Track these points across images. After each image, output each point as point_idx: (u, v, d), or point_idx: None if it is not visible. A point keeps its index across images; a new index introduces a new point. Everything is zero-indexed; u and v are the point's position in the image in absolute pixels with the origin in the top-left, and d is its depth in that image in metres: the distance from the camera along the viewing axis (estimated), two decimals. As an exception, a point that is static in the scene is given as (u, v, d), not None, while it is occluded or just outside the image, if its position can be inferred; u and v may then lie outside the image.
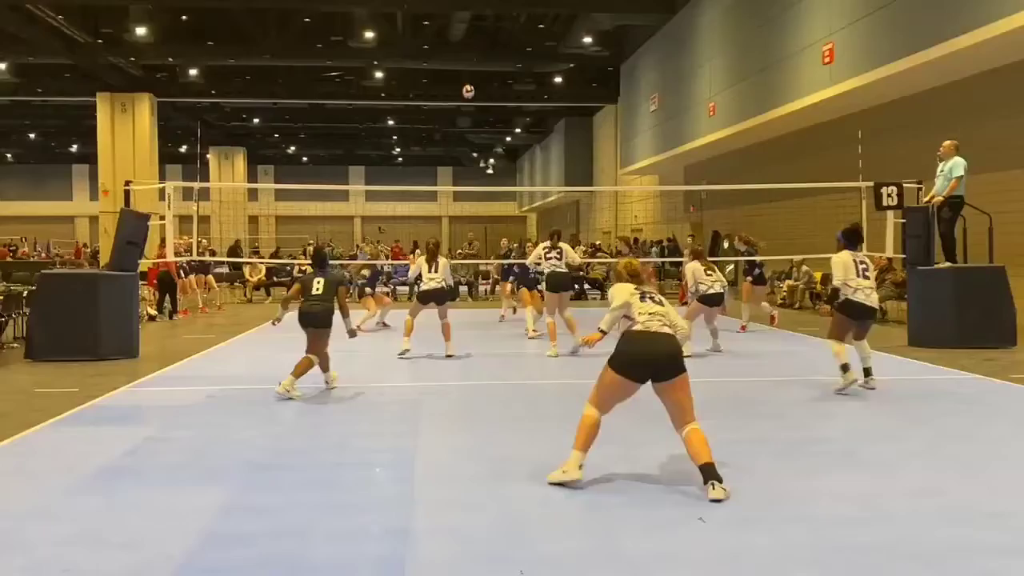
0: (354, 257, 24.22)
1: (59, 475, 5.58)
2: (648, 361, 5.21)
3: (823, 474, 5.57)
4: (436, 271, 10.93)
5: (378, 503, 4.99)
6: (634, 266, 5.81)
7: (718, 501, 4.88)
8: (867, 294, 8.33)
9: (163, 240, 15.42)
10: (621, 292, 5.54)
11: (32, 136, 45.47)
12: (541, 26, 27.28)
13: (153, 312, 16.91)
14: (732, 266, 22.20)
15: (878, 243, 13.15)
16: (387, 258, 23.35)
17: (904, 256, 12.59)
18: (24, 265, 23.98)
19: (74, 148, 47.60)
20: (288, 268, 24.77)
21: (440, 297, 10.98)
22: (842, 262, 8.40)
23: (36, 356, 10.88)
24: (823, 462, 5.87)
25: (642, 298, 5.47)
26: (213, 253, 24.41)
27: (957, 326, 11.47)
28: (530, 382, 9.53)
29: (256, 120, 41.70)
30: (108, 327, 11.07)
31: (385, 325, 15.04)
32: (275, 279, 24.15)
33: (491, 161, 54.60)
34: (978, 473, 5.63)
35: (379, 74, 30.45)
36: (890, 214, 12.82)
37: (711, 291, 11.29)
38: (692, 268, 11.56)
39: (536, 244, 14.17)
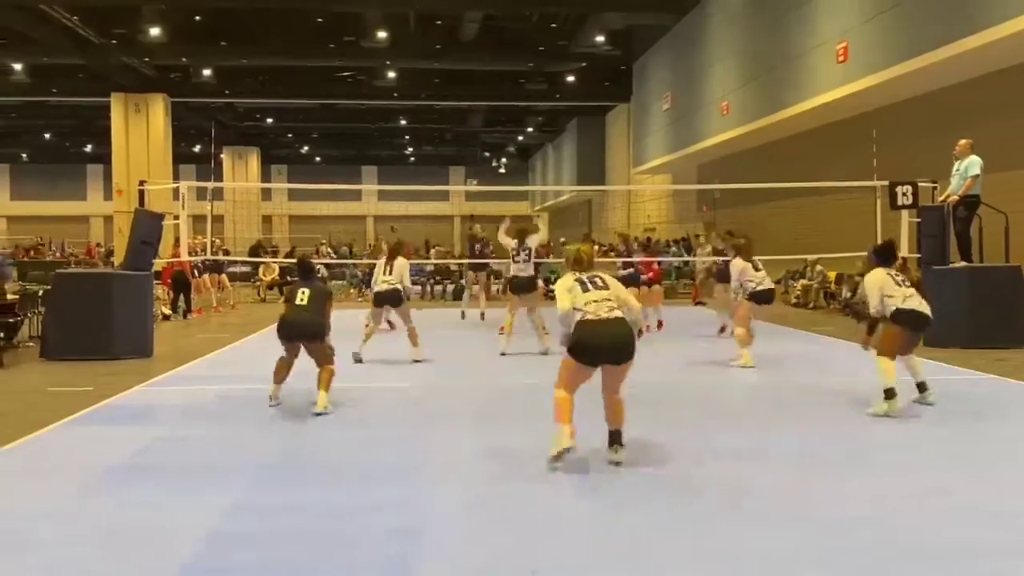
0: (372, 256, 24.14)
1: (72, 474, 5.60)
2: (603, 349, 5.52)
3: (833, 474, 5.53)
4: (391, 273, 10.43)
5: (386, 503, 4.98)
6: (581, 253, 5.95)
7: (618, 463, 5.59)
8: (919, 301, 7.53)
9: (177, 240, 15.48)
10: (561, 295, 5.73)
11: (47, 136, 45.73)
12: (553, 25, 27.23)
13: (167, 311, 16.97)
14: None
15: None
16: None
17: (919, 256, 12.50)
18: (39, 265, 24.14)
19: (88, 148, 47.83)
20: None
21: (394, 299, 10.54)
22: (876, 282, 7.61)
23: (51, 355, 10.93)
24: (833, 462, 5.83)
25: (584, 288, 5.64)
26: (227, 253, 24.50)
27: (972, 326, 11.37)
28: (538, 381, 9.48)
29: (269, 120, 41.82)
30: (122, 326, 11.11)
31: (391, 325, 14.83)
32: (288, 279, 24.18)
33: (503, 160, 54.57)
34: (986, 473, 5.59)
35: (391, 74, 30.49)
36: (905, 213, 12.74)
37: (760, 287, 10.39)
38: (739, 266, 10.49)
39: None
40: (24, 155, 52.06)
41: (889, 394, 7.32)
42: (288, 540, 4.38)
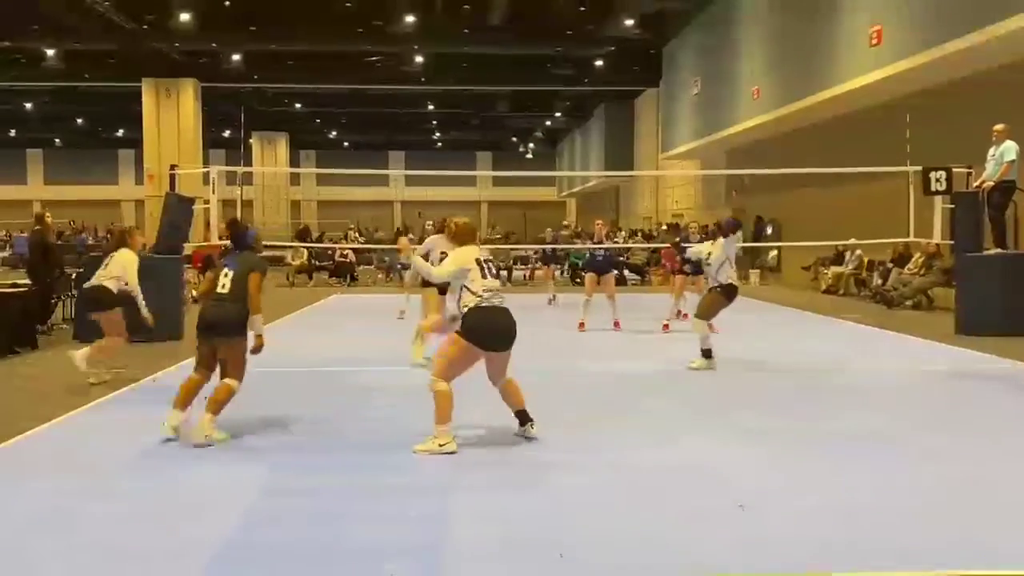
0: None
1: (105, 455, 5.68)
2: (503, 336, 5.75)
3: (867, 463, 5.48)
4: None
5: (415, 487, 5.01)
6: (471, 227, 6.16)
7: (535, 438, 5.88)
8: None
9: (208, 223, 15.60)
10: (466, 256, 5.84)
11: (79, 122, 46.20)
12: (582, 8, 27.04)
13: (197, 294, 17.12)
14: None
15: (926, 229, 12.92)
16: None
17: (952, 242, 12.34)
18: (72, 248, 24.43)
19: (120, 133, 48.25)
20: (330, 252, 24.96)
21: None
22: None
23: (84, 337, 11.05)
24: (867, 451, 5.77)
25: (483, 273, 5.78)
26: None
27: (1007, 313, 11.23)
28: (569, 367, 9.48)
29: (298, 105, 41.96)
30: (153, 309, 11.18)
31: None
32: (317, 263, 24.33)
33: (530, 146, 54.43)
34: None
35: (419, 59, 30.46)
36: (938, 199, 12.56)
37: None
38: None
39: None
40: (57, 140, 52.67)
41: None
42: (316, 522, 4.41)
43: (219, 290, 6.14)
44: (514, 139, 53.42)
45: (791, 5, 19.72)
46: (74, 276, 12.63)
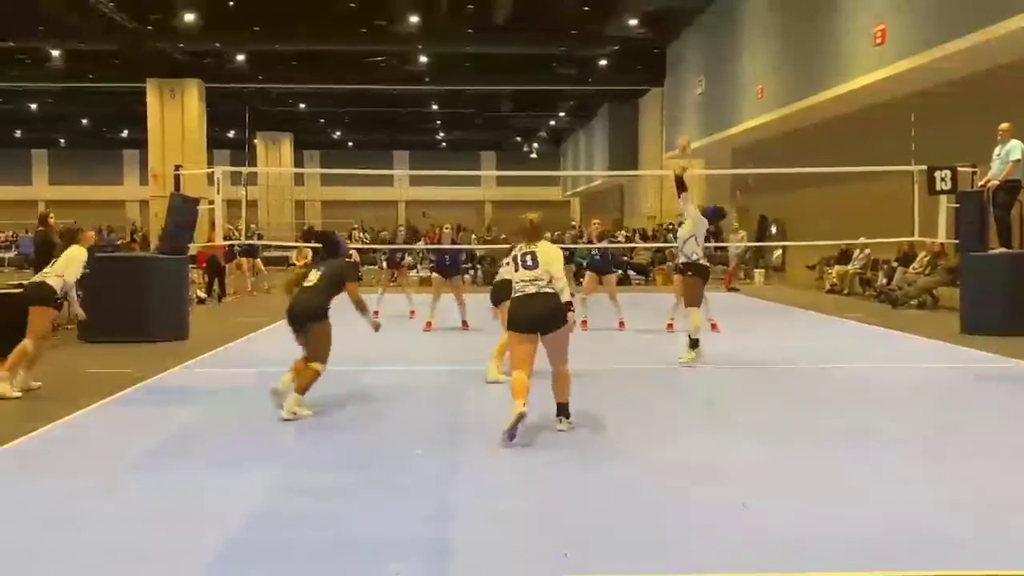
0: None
1: (111, 454, 5.70)
2: (530, 320, 6.02)
3: (871, 462, 5.48)
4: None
5: (423, 486, 5.02)
6: (522, 225, 6.44)
7: (563, 431, 6.10)
8: None
9: (212, 224, 15.64)
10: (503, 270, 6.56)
11: (84, 122, 46.27)
12: (586, 8, 27.03)
13: (203, 295, 17.17)
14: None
15: (931, 228, 12.89)
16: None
17: (957, 241, 12.32)
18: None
19: (124, 134, 48.31)
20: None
21: None
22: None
23: (89, 338, 11.10)
24: (871, 451, 5.77)
25: (516, 267, 6.18)
26: (260, 237, 24.70)
27: (1011, 313, 11.18)
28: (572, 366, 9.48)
29: (302, 105, 41.99)
30: (159, 310, 11.27)
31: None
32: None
33: (535, 145, 54.40)
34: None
35: (423, 58, 30.47)
36: (943, 199, 12.53)
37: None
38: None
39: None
40: (62, 140, 52.76)
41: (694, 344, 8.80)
42: (324, 521, 4.42)
43: (306, 283, 7.04)
44: (518, 139, 53.38)
45: (795, 4, 19.70)
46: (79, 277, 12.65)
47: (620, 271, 19.12)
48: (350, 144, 55.02)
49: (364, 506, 4.66)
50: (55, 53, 29.75)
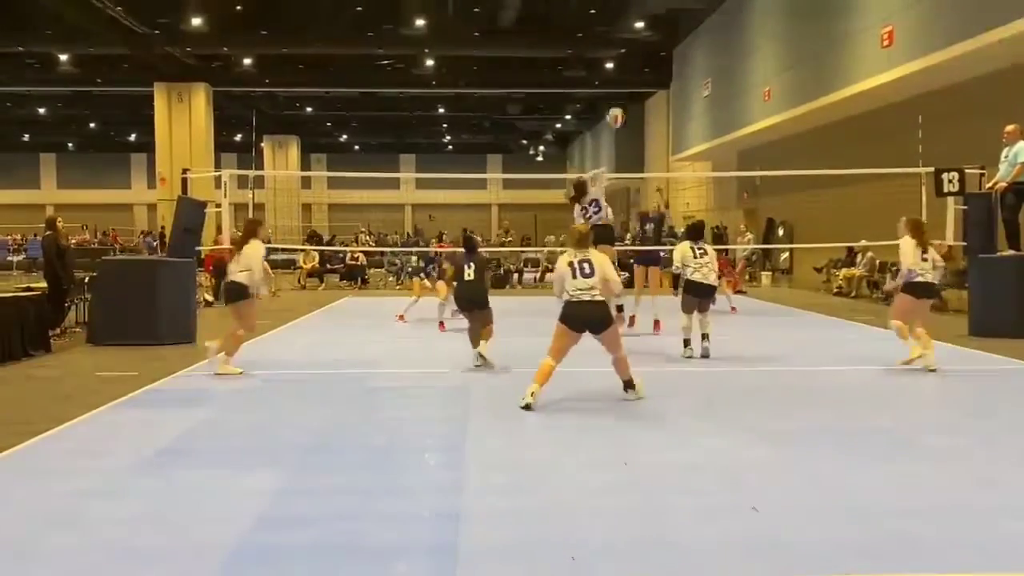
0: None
1: (119, 456, 5.71)
2: (581, 323, 7.08)
3: (880, 464, 5.46)
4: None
5: (430, 488, 5.02)
6: (575, 233, 7.45)
7: (632, 401, 7.21)
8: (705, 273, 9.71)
9: (219, 227, 15.66)
10: (558, 265, 7.31)
11: (92, 126, 46.49)
12: (592, 11, 27.07)
13: (210, 298, 17.20)
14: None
15: (938, 231, 12.84)
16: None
17: (965, 244, 12.29)
18: (86, 252, 24.59)
19: (132, 137, 48.56)
20: (341, 256, 25.03)
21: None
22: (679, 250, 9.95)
23: (97, 340, 11.14)
24: (880, 452, 5.75)
25: (574, 274, 7.08)
26: (268, 241, 24.73)
27: (1019, 315, 11.16)
28: (578, 370, 9.48)
29: (309, 109, 42.13)
30: (166, 313, 11.29)
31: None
32: (328, 266, 24.39)
33: (541, 148, 54.42)
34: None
35: (430, 62, 30.52)
36: (951, 201, 12.50)
37: (921, 279, 8.82)
38: (907, 246, 8.90)
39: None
40: (70, 144, 53.01)
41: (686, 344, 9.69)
42: (332, 523, 4.43)
43: (466, 278, 9.17)
44: (524, 142, 53.43)
45: (802, 6, 19.70)
46: (87, 280, 12.71)
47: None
48: (357, 147, 55.18)
49: (371, 508, 4.66)
50: (64, 57, 29.92)
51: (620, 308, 7.42)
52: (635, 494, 4.90)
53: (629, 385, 7.32)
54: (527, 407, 6.91)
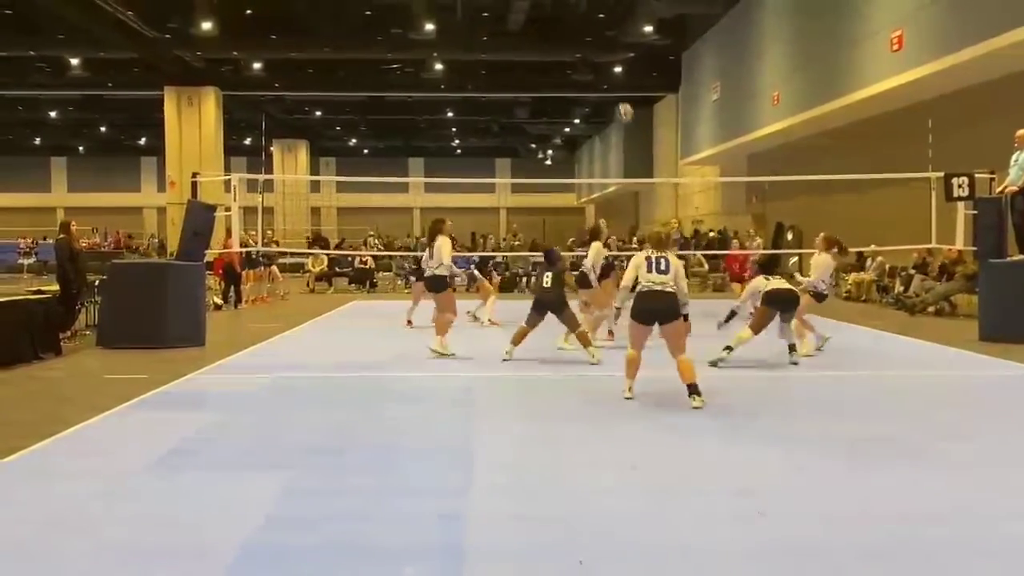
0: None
1: (127, 458, 5.73)
2: (649, 313, 7.33)
3: (888, 471, 5.44)
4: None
5: (437, 490, 5.01)
6: (655, 235, 8.27)
7: (698, 408, 7.02)
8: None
9: (229, 231, 15.71)
10: (634, 260, 7.64)
11: (102, 129, 46.69)
12: (601, 15, 27.07)
13: (219, 301, 17.25)
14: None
15: (948, 235, 12.82)
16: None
17: (975, 248, 12.24)
18: (96, 255, 24.68)
19: (142, 141, 48.75)
20: (350, 259, 25.06)
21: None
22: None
23: (107, 343, 11.18)
24: (889, 459, 5.73)
25: (649, 267, 7.37)
26: (276, 244, 24.81)
27: (1030, 321, 11.10)
28: (587, 374, 9.48)
29: (318, 113, 42.24)
30: (175, 316, 11.31)
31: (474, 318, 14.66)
32: (337, 270, 24.43)
33: (549, 152, 54.46)
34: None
35: (438, 66, 30.57)
36: (961, 205, 12.44)
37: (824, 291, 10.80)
38: (822, 261, 10.92)
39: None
40: (80, 148, 53.26)
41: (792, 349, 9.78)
42: (339, 525, 4.43)
43: (544, 284, 9.86)
44: (533, 145, 53.46)
45: (811, 10, 19.66)
46: (97, 283, 12.76)
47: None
48: (366, 151, 55.31)
49: (378, 509, 4.66)
50: (74, 61, 30.06)
51: (686, 317, 7.39)
52: (643, 497, 4.89)
53: (694, 390, 7.17)
54: (629, 398, 7.40)
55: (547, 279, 9.82)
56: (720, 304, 12.63)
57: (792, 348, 9.77)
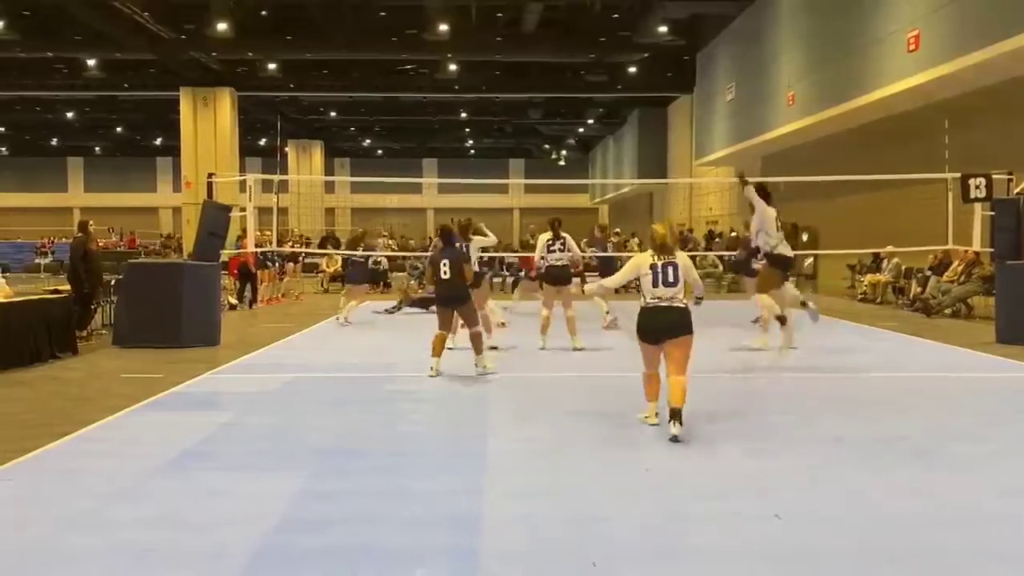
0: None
1: (141, 458, 5.75)
2: (655, 332, 6.47)
3: (904, 473, 5.40)
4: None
5: (449, 491, 5.01)
6: (659, 238, 6.62)
7: (676, 438, 6.07)
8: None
9: (244, 231, 15.77)
10: (632, 262, 6.72)
11: (118, 130, 46.99)
12: (615, 16, 27.03)
13: (234, 301, 17.32)
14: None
15: (965, 236, 12.72)
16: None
17: (992, 250, 12.14)
18: (112, 255, 24.82)
19: (158, 141, 49.04)
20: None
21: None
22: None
23: (122, 343, 11.24)
24: (902, 460, 5.70)
25: (655, 280, 6.45)
26: (294, 244, 24.89)
27: (1048, 323, 11.01)
28: (596, 375, 9.46)
29: (333, 113, 42.35)
30: (190, 316, 11.37)
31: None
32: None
33: (563, 153, 54.41)
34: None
35: (452, 67, 30.60)
36: (978, 207, 12.34)
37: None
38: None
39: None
40: (97, 148, 53.62)
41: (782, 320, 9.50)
42: (350, 526, 4.44)
43: (443, 275, 8.86)
44: (547, 146, 53.43)
45: (826, 10, 19.56)
46: (113, 283, 12.84)
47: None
48: (380, 152, 55.45)
49: (390, 511, 4.66)
50: (91, 62, 30.25)
51: (699, 300, 7.04)
52: (657, 500, 4.87)
53: (676, 416, 6.19)
54: (654, 424, 6.58)
55: (445, 268, 8.86)
56: (734, 305, 12.64)
57: (804, 304, 9.91)
